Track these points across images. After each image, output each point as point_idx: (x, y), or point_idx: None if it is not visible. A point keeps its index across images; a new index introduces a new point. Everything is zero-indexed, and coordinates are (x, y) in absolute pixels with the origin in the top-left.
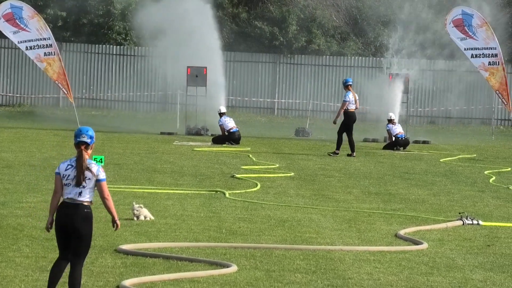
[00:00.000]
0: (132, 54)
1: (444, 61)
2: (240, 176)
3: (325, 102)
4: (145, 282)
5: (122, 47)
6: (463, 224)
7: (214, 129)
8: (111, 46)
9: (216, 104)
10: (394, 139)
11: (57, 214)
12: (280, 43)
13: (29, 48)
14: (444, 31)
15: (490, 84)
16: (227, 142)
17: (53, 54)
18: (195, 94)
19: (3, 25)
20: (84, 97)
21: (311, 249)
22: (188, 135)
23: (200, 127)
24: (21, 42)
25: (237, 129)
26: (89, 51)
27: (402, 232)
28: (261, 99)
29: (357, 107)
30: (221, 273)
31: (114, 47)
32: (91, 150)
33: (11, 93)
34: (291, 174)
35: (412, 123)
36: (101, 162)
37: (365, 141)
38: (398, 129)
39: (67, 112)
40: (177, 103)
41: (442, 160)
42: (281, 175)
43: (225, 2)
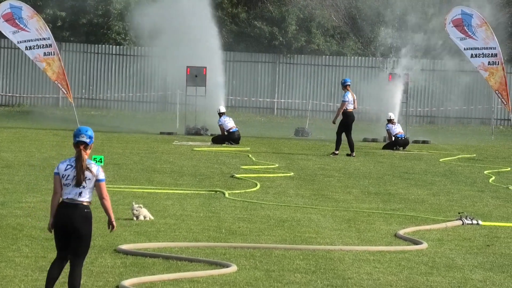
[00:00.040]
0: (132, 54)
1: (444, 61)
2: (239, 176)
3: (324, 102)
4: (145, 282)
5: (121, 47)
6: (463, 224)
7: (214, 129)
8: (111, 46)
9: (216, 104)
10: (393, 139)
11: (57, 214)
12: (280, 43)
13: (28, 48)
14: (444, 31)
15: (490, 84)
16: (226, 142)
17: (52, 54)
18: (194, 94)
19: (2, 25)
20: (83, 97)
21: (310, 249)
22: (187, 135)
23: (199, 127)
24: (20, 42)
25: (237, 129)
26: (88, 51)
27: (402, 232)
28: (261, 99)
29: (355, 107)
30: (221, 273)
31: (114, 47)
32: (90, 150)
33: (10, 93)
34: (291, 174)
35: (411, 123)
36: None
37: (364, 141)
38: (398, 129)
39: (66, 112)
40: (177, 103)
41: (441, 160)
42: (280, 175)
43: (224, 2)
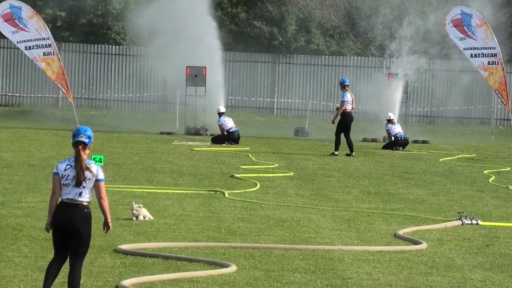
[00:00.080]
0: (131, 54)
1: (443, 60)
2: (239, 176)
3: (324, 102)
4: (144, 282)
5: (121, 47)
6: (462, 224)
7: (213, 129)
8: (110, 46)
9: (215, 104)
10: (393, 138)
11: (56, 214)
12: (279, 43)
13: (28, 48)
14: (444, 30)
15: (490, 84)
16: (226, 142)
17: (52, 54)
18: (194, 94)
19: (2, 25)
20: (83, 97)
21: (310, 249)
22: (187, 135)
23: (199, 127)
24: (20, 42)
25: (236, 129)
26: (88, 51)
27: (401, 232)
28: (260, 99)
29: (353, 107)
30: (220, 273)
31: (113, 47)
32: (88, 150)
33: (10, 93)
34: (291, 174)
35: (411, 122)
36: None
37: (364, 140)
38: (398, 129)
39: (66, 112)
40: (177, 103)
41: (441, 160)
42: (280, 175)
43: (224, 2)
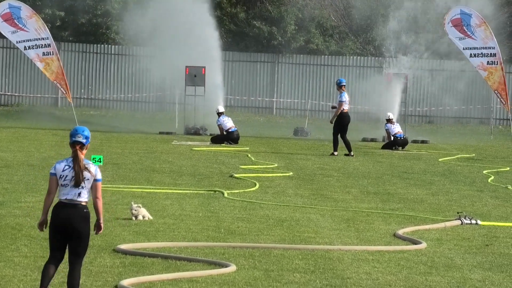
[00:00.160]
0: (131, 54)
1: (443, 60)
2: (238, 175)
3: (323, 101)
4: (144, 282)
5: (120, 46)
6: (462, 223)
7: (213, 128)
8: (110, 45)
9: (215, 104)
10: (392, 138)
11: (54, 214)
12: (279, 42)
13: (27, 48)
14: (443, 30)
15: (489, 83)
16: (225, 142)
17: (51, 54)
18: (193, 93)
19: (1, 25)
20: (82, 97)
21: (309, 248)
22: (186, 134)
23: (198, 126)
24: (19, 42)
25: (236, 128)
26: (87, 51)
27: (401, 232)
28: (260, 99)
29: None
30: (220, 272)
31: (113, 46)
32: (86, 150)
33: (9, 93)
34: (290, 173)
35: (410, 122)
36: (100, 161)
37: (363, 140)
38: (397, 129)
39: (65, 112)
40: (176, 103)
41: (440, 160)
42: (279, 174)
43: (223, 1)
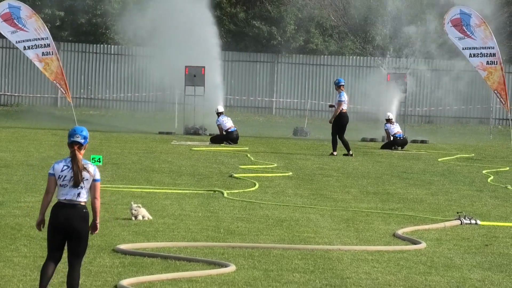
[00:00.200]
0: (130, 53)
1: (442, 60)
2: (238, 175)
3: (323, 101)
4: (143, 282)
5: (120, 46)
6: (461, 223)
7: (212, 128)
8: (109, 45)
9: (214, 104)
10: (392, 138)
11: (53, 214)
12: (278, 42)
13: (27, 48)
14: (443, 30)
15: (488, 83)
16: (225, 142)
17: (51, 53)
18: (193, 93)
19: (1, 25)
20: (82, 96)
21: (309, 248)
22: (186, 134)
23: (198, 126)
24: (19, 42)
25: (235, 128)
26: (87, 51)
27: (400, 232)
28: (259, 99)
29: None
30: (219, 272)
31: (112, 46)
32: (84, 150)
33: (9, 93)
34: (289, 173)
35: (410, 122)
36: (99, 161)
37: (363, 140)
38: (396, 129)
39: (65, 112)
40: (175, 103)
41: (440, 160)
42: (279, 174)
43: (223, 1)
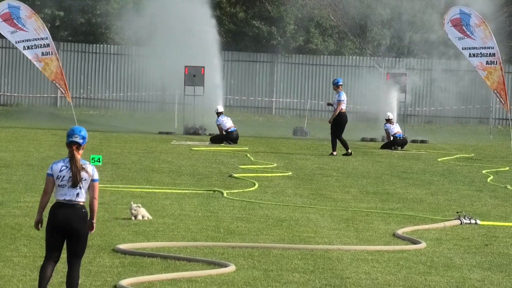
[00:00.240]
0: (130, 53)
1: (442, 60)
2: (238, 175)
3: (322, 101)
4: (143, 282)
5: (119, 46)
6: (461, 223)
7: (212, 128)
8: (109, 45)
9: (214, 104)
10: (392, 138)
11: (51, 214)
12: (278, 42)
13: (26, 48)
14: (442, 30)
15: (488, 83)
16: (225, 142)
17: (50, 53)
18: (193, 93)
19: (0, 25)
20: (82, 96)
21: (309, 248)
22: (186, 134)
23: (198, 126)
24: (18, 42)
25: (235, 128)
26: (86, 51)
27: (400, 232)
28: (259, 99)
29: None
30: (219, 272)
31: (112, 46)
32: (82, 150)
33: (8, 93)
34: (289, 173)
35: (410, 122)
36: (99, 161)
37: (363, 140)
38: (396, 129)
39: (64, 112)
40: (175, 103)
41: (440, 160)
42: (279, 174)
43: (222, 1)
